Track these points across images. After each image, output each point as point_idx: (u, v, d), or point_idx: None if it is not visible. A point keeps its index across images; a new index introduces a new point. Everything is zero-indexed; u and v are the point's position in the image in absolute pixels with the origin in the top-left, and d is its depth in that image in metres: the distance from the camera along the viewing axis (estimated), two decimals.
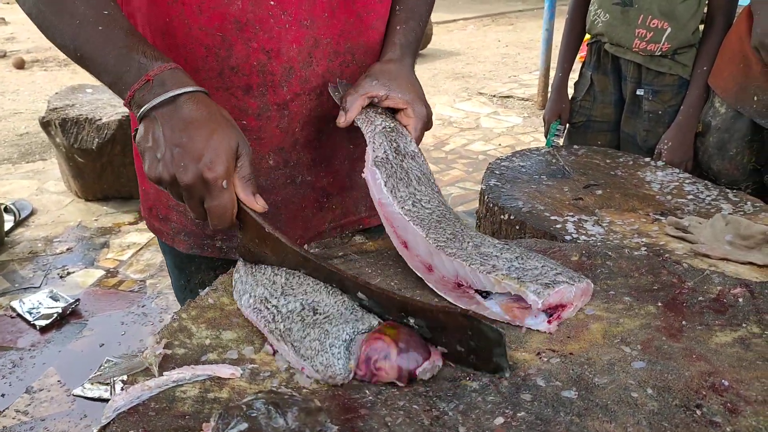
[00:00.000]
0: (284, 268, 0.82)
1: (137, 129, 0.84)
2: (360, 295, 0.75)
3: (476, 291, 0.82)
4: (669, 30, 1.90)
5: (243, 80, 0.97)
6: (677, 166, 1.92)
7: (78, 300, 2.87)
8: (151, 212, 1.17)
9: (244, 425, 0.57)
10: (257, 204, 0.83)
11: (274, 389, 0.68)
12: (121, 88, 0.84)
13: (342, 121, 0.98)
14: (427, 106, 1.03)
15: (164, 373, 0.72)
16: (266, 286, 0.80)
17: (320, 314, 0.73)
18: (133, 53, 0.83)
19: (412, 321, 0.72)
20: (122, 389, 0.70)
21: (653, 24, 1.92)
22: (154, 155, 0.80)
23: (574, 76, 2.24)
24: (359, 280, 0.76)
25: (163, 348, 0.76)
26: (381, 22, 1.08)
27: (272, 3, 0.94)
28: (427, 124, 1.02)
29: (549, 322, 0.78)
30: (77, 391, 2.33)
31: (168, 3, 0.92)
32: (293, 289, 0.78)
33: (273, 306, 0.76)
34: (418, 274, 0.87)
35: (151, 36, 0.96)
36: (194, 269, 1.17)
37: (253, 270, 0.83)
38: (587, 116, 2.20)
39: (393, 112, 1.03)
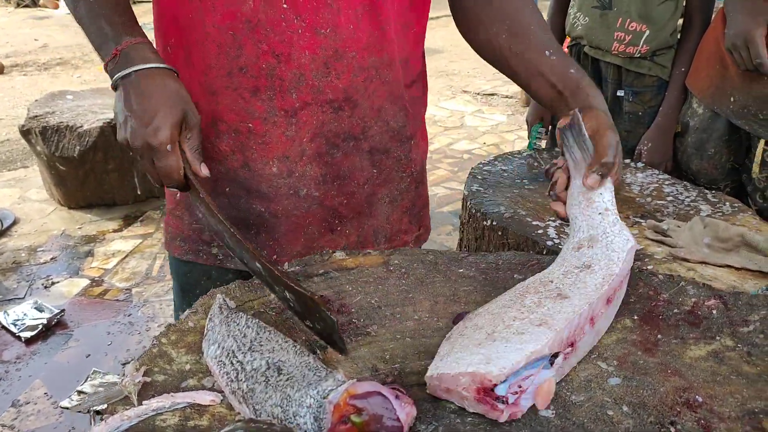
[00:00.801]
0: (257, 321, 0.81)
1: None
2: (258, 265, 0.84)
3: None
4: (647, 33, 1.92)
5: (251, 82, 0.98)
6: (657, 166, 1.94)
7: (63, 310, 2.85)
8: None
9: None
10: (202, 171, 0.92)
11: (253, 418, 0.68)
12: (101, 59, 0.94)
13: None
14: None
15: (143, 402, 0.72)
16: (237, 338, 0.78)
17: (284, 375, 0.71)
18: (108, 26, 0.93)
19: (287, 294, 0.82)
20: (102, 419, 0.70)
21: (632, 27, 1.93)
22: (117, 120, 0.91)
23: None
24: (256, 253, 0.84)
25: (143, 375, 0.76)
26: (398, 35, 1.05)
27: (285, 6, 0.93)
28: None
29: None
30: (65, 403, 2.32)
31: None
32: (261, 345, 0.76)
33: (238, 362, 0.74)
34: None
35: (171, 31, 1.01)
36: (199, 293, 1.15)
37: (228, 320, 0.82)
38: None
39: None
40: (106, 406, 0.74)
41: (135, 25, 0.95)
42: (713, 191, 1.68)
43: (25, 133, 3.61)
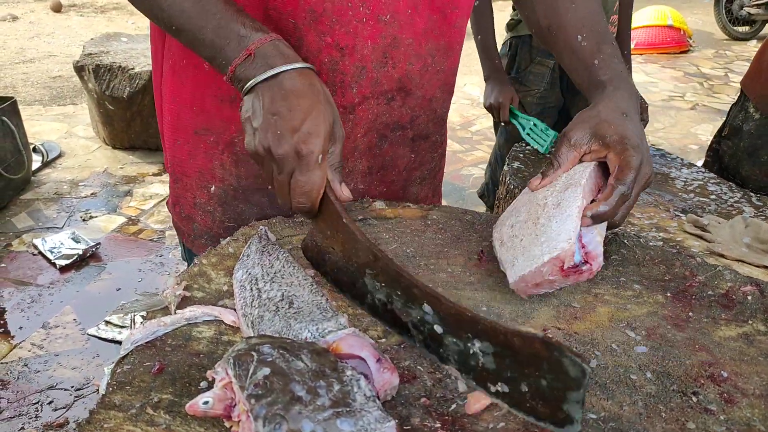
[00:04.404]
0: (288, 255, 0.81)
1: (241, 104, 0.79)
2: (425, 307, 0.64)
3: None
4: None
5: None
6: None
7: (99, 244, 2.94)
8: (174, 208, 1.11)
9: (266, 370, 0.55)
10: (343, 193, 0.78)
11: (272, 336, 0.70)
12: (221, 63, 0.80)
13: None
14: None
15: (177, 311, 0.75)
16: (264, 266, 0.79)
17: (293, 308, 0.71)
18: (232, 24, 0.78)
19: (477, 345, 0.60)
20: (141, 324, 0.73)
21: None
22: (251, 125, 0.76)
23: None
24: (428, 290, 0.64)
25: (183, 290, 0.79)
26: (464, 21, 0.98)
27: None
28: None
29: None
30: (92, 330, 2.40)
31: None
32: (282, 278, 0.77)
33: (257, 289, 0.75)
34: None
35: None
36: None
37: (264, 249, 0.83)
38: None
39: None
40: (146, 313, 0.77)
41: (255, 20, 0.81)
42: (758, 195, 1.65)
43: (79, 69, 3.69)
